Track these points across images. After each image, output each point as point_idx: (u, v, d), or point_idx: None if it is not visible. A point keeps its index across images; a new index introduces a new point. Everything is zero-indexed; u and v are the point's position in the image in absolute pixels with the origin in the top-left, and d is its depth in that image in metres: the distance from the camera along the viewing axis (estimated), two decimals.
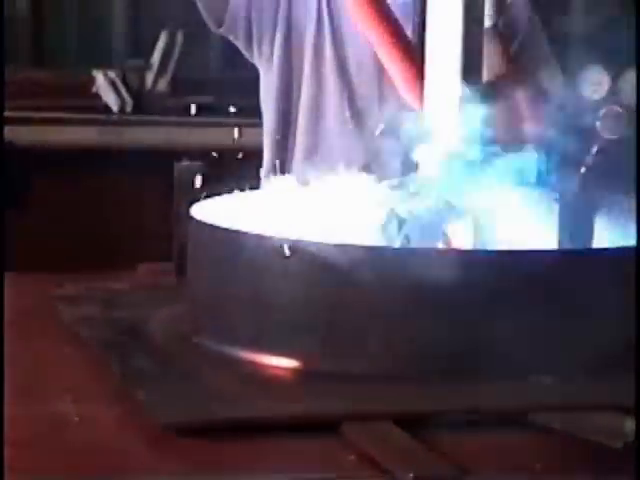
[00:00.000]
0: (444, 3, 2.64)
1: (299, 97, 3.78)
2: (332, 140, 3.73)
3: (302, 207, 2.84)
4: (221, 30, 3.80)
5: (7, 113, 5.32)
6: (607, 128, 2.54)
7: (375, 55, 3.33)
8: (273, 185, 3.19)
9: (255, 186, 3.24)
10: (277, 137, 3.83)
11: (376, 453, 2.01)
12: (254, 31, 3.75)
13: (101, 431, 2.22)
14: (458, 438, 2.12)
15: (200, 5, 3.74)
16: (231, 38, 3.85)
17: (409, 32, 2.94)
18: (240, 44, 3.83)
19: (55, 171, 5.40)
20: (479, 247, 2.65)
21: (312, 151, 3.74)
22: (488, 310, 2.40)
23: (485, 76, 2.74)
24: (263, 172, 3.76)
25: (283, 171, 3.63)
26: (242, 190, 3.01)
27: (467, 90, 2.64)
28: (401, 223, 2.62)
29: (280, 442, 2.14)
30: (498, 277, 2.44)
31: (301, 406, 2.29)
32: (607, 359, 2.38)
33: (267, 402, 2.31)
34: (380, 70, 3.41)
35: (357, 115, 3.72)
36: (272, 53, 3.80)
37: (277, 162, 3.77)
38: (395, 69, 2.84)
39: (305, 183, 3.04)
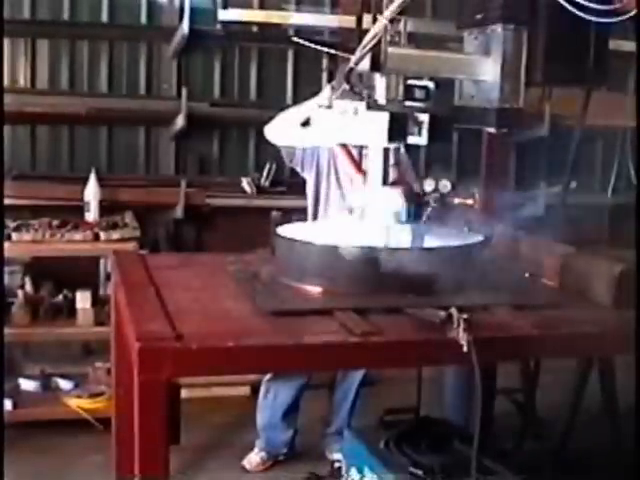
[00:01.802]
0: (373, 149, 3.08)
1: (321, 190, 4.48)
2: (333, 205, 4.37)
3: (322, 230, 3.33)
4: (291, 164, 4.51)
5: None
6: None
7: (348, 174, 4.03)
8: (312, 223, 3.75)
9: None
10: (313, 204, 4.47)
11: (346, 322, 2.60)
12: (305, 164, 4.45)
13: (239, 313, 2.76)
14: (379, 318, 2.66)
15: (283, 153, 4.45)
16: (294, 166, 4.55)
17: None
18: (299, 169, 4.53)
19: (228, 215, 6.10)
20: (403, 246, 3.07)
21: (326, 210, 4.37)
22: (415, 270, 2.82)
23: None
24: (308, 218, 4.43)
25: (315, 218, 4.31)
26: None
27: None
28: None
29: (310, 319, 2.69)
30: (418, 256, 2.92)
31: (320, 304, 2.83)
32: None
33: (309, 302, 2.86)
34: (350, 179, 4.02)
35: (342, 197, 4.36)
36: (311, 173, 4.49)
37: (312, 214, 4.48)
38: (354, 174, 3.37)
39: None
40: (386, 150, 3.05)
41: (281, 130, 4.39)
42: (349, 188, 4.32)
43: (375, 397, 5.19)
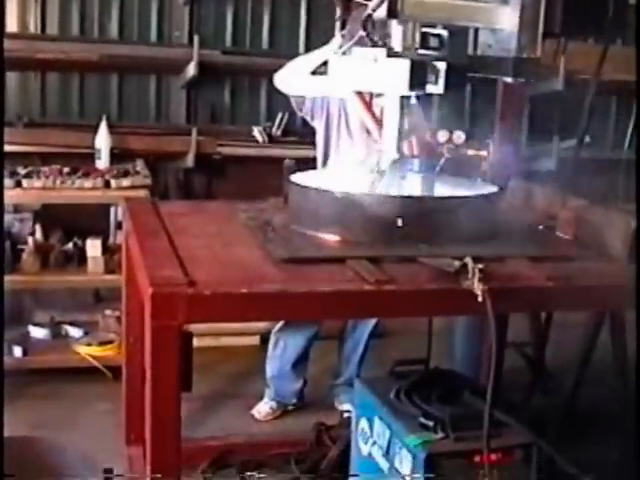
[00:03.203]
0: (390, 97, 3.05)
1: (331, 139, 4.42)
2: (344, 152, 4.31)
3: (336, 178, 3.28)
4: (301, 113, 4.46)
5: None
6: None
7: (358, 121, 4.11)
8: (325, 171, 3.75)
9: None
10: (323, 153, 4.44)
11: (360, 271, 2.63)
12: (315, 114, 4.39)
13: (251, 260, 2.79)
14: (392, 267, 2.69)
15: (292, 102, 4.41)
16: (304, 116, 4.50)
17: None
18: (308, 118, 4.48)
19: (239, 164, 6.07)
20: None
21: (337, 156, 4.33)
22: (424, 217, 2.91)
23: None
24: (318, 167, 4.39)
25: (324, 165, 4.27)
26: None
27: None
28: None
29: (323, 267, 2.72)
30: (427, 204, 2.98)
31: (334, 252, 2.85)
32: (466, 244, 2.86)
33: (322, 250, 2.88)
34: (361, 126, 4.04)
35: (352, 142, 4.31)
36: (321, 122, 4.43)
37: (322, 164, 4.42)
38: (370, 120, 3.33)
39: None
40: (402, 99, 3.02)
41: (291, 79, 4.37)
42: (360, 137, 4.30)
43: (385, 349, 5.19)
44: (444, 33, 3.04)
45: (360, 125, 4.22)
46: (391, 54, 2.95)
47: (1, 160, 3.85)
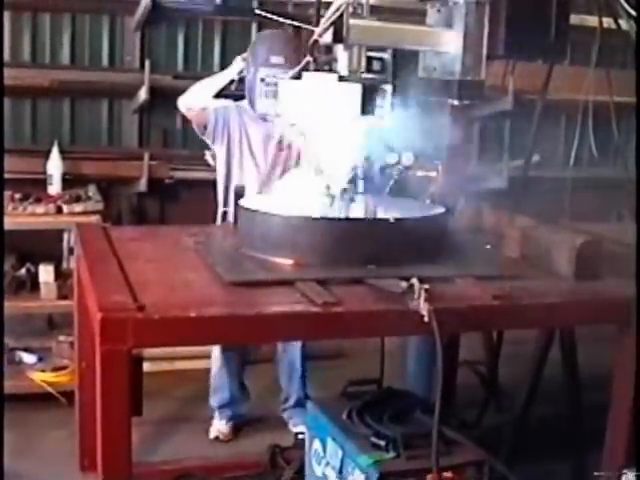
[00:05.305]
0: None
1: (232, 161, 4.50)
2: (248, 175, 4.41)
3: (284, 201, 3.28)
4: (203, 136, 4.55)
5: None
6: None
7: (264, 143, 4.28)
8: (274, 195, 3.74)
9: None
10: (225, 175, 4.55)
11: (308, 293, 2.63)
12: (217, 135, 4.47)
13: (201, 284, 2.79)
14: (340, 289, 2.69)
15: (194, 125, 4.58)
16: (206, 139, 4.58)
17: None
18: (209, 141, 4.57)
19: (191, 188, 6.05)
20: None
21: (240, 180, 4.37)
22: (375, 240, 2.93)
23: None
24: (219, 190, 4.56)
25: (227, 190, 4.44)
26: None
27: None
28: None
29: (271, 290, 2.73)
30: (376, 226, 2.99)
31: (282, 275, 2.85)
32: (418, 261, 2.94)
33: (271, 272, 2.88)
34: (263, 147, 4.31)
35: (256, 166, 4.41)
36: (222, 144, 4.51)
37: (224, 186, 4.52)
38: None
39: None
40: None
41: (194, 101, 4.51)
42: (261, 157, 4.44)
43: (339, 369, 5.19)
44: (386, 57, 3.07)
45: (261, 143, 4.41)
46: (341, 78, 2.98)
47: (1, 166, 3.82)
